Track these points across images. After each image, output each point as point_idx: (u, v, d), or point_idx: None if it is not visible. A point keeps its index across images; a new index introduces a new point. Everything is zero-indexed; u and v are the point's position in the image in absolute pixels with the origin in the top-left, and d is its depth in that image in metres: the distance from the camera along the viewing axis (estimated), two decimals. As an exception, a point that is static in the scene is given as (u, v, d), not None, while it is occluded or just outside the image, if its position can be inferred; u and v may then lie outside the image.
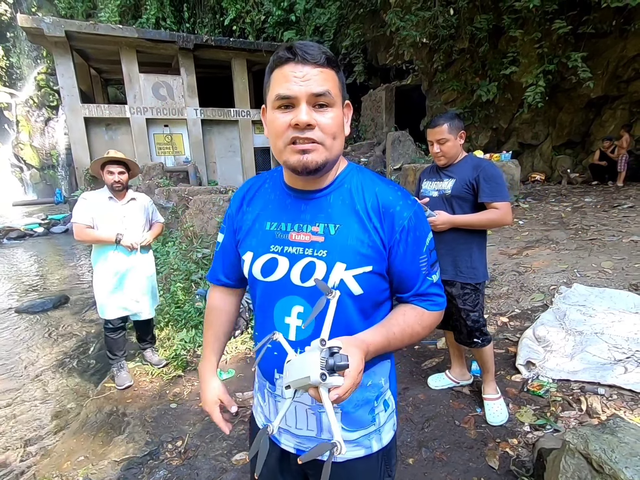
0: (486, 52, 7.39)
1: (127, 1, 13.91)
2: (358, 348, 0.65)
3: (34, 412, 2.67)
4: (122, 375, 2.68)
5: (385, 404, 0.85)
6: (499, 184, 1.77)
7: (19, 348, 3.70)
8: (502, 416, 1.95)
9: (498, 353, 2.56)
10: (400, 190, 0.79)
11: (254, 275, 0.82)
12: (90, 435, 2.24)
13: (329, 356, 0.58)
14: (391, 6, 7.24)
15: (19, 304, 4.92)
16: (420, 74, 9.15)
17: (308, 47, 0.68)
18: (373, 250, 0.74)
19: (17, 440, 2.38)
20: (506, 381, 2.26)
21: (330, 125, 0.69)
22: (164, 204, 5.94)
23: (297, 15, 10.52)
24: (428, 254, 0.79)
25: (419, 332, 0.79)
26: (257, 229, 0.83)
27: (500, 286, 3.35)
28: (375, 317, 0.80)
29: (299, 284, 0.76)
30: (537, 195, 6.67)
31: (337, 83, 0.72)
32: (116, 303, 2.61)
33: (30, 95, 20.55)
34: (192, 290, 3.70)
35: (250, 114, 13.95)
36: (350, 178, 0.79)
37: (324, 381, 0.56)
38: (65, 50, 11.28)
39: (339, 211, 0.76)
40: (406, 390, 2.30)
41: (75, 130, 11.83)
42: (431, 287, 0.80)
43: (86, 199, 2.51)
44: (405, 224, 0.74)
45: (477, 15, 6.81)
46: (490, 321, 2.96)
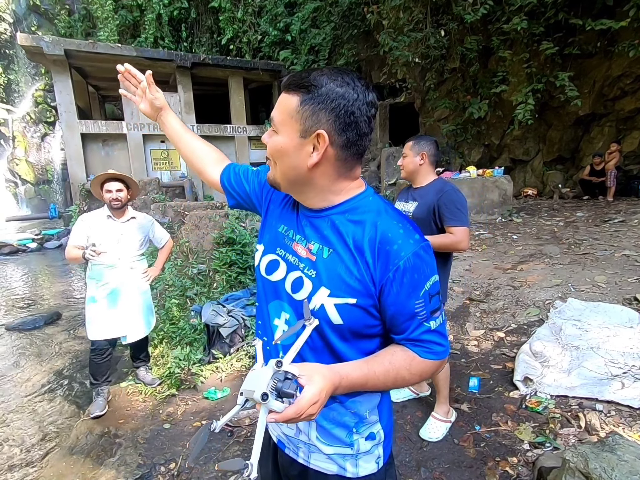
0: (477, 71, 7.61)
1: (126, 21, 14.19)
2: (325, 379, 0.64)
3: (22, 433, 2.59)
4: (98, 403, 2.57)
5: (370, 435, 0.82)
6: (458, 209, 1.80)
7: (7, 367, 3.61)
8: (435, 435, 1.99)
9: (496, 369, 2.55)
10: (404, 227, 0.72)
11: (260, 270, 0.86)
12: (80, 458, 2.17)
13: (282, 380, 0.60)
14: (384, 27, 7.47)
15: (9, 322, 4.83)
16: (413, 92, 9.37)
17: (295, 73, 0.73)
18: (360, 284, 0.71)
19: (3, 463, 2.30)
20: (504, 398, 2.25)
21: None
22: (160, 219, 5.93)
23: (292, 36, 10.79)
24: (427, 298, 0.72)
25: (405, 377, 0.74)
26: (273, 226, 0.87)
27: (496, 301, 3.36)
28: (360, 345, 0.76)
29: (290, 293, 0.79)
30: (529, 210, 6.76)
31: (292, 110, 0.68)
32: (107, 323, 2.53)
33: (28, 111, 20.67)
34: (187, 307, 3.66)
35: (247, 130, 14.11)
36: (358, 206, 0.76)
37: (263, 401, 0.59)
38: (64, 68, 11.42)
39: (334, 237, 0.75)
40: (404, 407, 2.27)
41: (71, 146, 11.87)
42: (428, 333, 0.74)
43: (83, 221, 2.51)
44: (401, 265, 0.69)
45: (467, 37, 7.03)
46: (487, 336, 2.96)
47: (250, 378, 0.65)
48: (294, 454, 0.85)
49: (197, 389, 2.73)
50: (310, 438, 0.82)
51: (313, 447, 0.82)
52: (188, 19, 13.75)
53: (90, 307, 2.56)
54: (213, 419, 0.72)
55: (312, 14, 10.17)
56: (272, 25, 11.46)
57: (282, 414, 0.59)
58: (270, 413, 0.60)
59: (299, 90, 0.69)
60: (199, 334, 3.26)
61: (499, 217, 6.26)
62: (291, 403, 0.60)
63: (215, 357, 3.00)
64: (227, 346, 3.09)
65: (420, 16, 7.02)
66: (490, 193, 6.35)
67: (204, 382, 2.78)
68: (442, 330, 0.76)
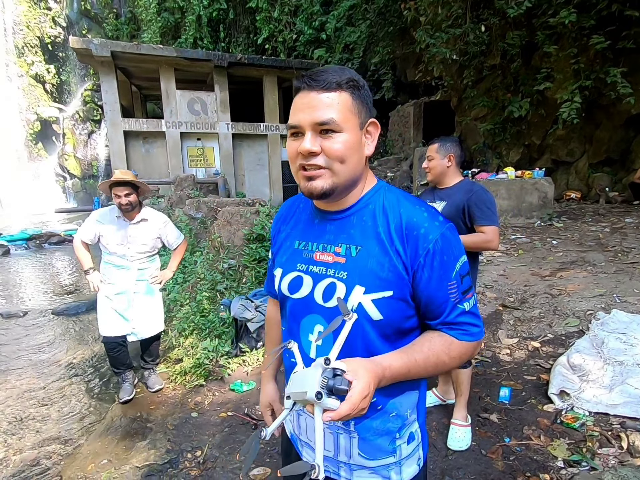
0: (518, 68, 7.26)
1: (168, 23, 14.77)
2: (369, 372, 0.63)
3: (64, 412, 2.77)
4: (126, 388, 2.67)
5: (410, 436, 0.82)
6: (488, 208, 1.80)
7: (52, 349, 3.88)
8: (464, 443, 1.91)
9: (529, 380, 2.43)
10: (428, 210, 0.74)
11: (282, 291, 0.84)
12: (114, 439, 2.29)
13: (331, 377, 0.58)
14: (421, 24, 7.29)
15: (55, 307, 5.18)
16: (450, 90, 9.10)
17: (317, 74, 0.69)
18: (394, 274, 0.71)
19: (47, 439, 2.47)
20: (537, 411, 2.14)
21: (335, 150, 0.69)
22: (194, 215, 6.14)
23: (327, 34, 10.79)
24: (459, 279, 0.73)
25: (445, 361, 0.74)
26: (287, 247, 0.86)
27: (532, 309, 3.20)
28: (398, 345, 0.76)
29: (322, 304, 0.76)
30: (572, 215, 6.39)
31: (350, 105, 0.70)
32: (115, 322, 2.58)
33: (77, 110, 22.05)
34: (217, 300, 3.76)
35: (279, 128, 14.29)
36: (377, 198, 0.77)
37: (318, 400, 0.57)
38: (110, 68, 12.06)
39: (360, 233, 0.75)
40: (429, 414, 2.22)
41: (115, 142, 12.53)
42: (462, 315, 0.74)
43: (94, 217, 2.55)
44: (430, 247, 0.70)
45: (509, 32, 6.73)
46: (521, 345, 2.83)
47: (296, 380, 0.63)
48: (335, 475, 0.83)
49: (224, 380, 2.80)
50: (351, 455, 0.80)
51: (354, 466, 0.80)
52: (226, 20, 14.10)
53: (100, 303, 2.61)
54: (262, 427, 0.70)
55: (348, 11, 10.12)
56: (308, 24, 11.51)
57: (338, 411, 0.57)
58: (326, 412, 0.58)
59: (347, 87, 0.70)
60: (228, 327, 3.35)
61: (537, 221, 5.96)
62: (342, 400, 0.58)
63: (242, 350, 3.07)
64: (254, 340, 3.15)
65: (459, 11, 6.80)
66: (529, 195, 6.06)
67: (230, 374, 2.85)
68: (476, 311, 0.77)
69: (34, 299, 5.73)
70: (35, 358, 3.67)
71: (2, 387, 3.12)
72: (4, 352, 3.80)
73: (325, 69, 0.70)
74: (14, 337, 4.20)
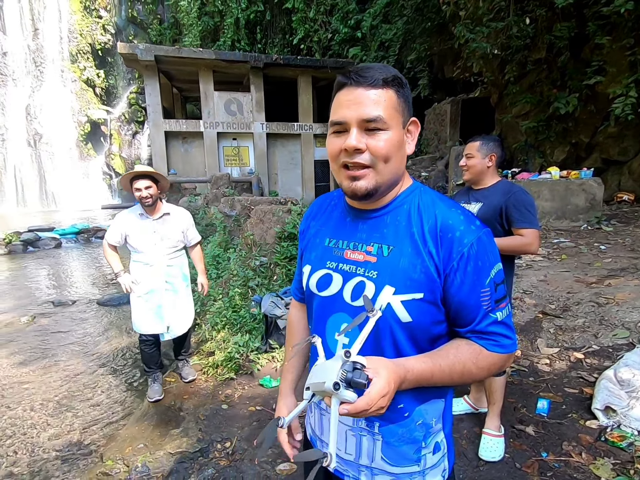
0: (566, 61, 6.84)
1: (208, 26, 15.27)
2: (390, 371, 0.61)
3: (105, 396, 2.95)
4: (155, 388, 2.70)
5: (436, 446, 0.80)
6: (528, 210, 1.73)
7: (98, 337, 4.13)
8: (496, 453, 1.83)
9: (570, 393, 2.29)
10: (464, 213, 0.72)
11: (310, 289, 0.84)
12: (150, 425, 2.41)
13: (351, 370, 0.58)
14: (460, 19, 7.06)
15: (100, 297, 5.51)
16: (490, 86, 8.74)
17: (363, 70, 0.68)
18: (425, 276, 0.69)
19: (91, 421, 2.64)
20: (579, 426, 2.01)
21: (381, 148, 0.68)
22: (228, 212, 6.30)
23: (363, 32, 10.70)
24: (492, 287, 0.70)
25: (472, 371, 0.71)
26: (317, 244, 0.85)
27: (575, 317, 3.01)
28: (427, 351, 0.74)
29: (350, 303, 0.76)
30: (624, 218, 5.94)
31: (395, 103, 0.70)
32: (148, 320, 2.62)
33: (123, 112, 23.35)
34: (249, 296, 3.85)
35: (313, 128, 14.38)
36: (412, 198, 0.76)
37: (336, 391, 0.56)
38: (154, 72, 12.66)
39: (394, 232, 0.74)
40: (460, 421, 2.15)
41: (156, 142, 13.14)
42: (494, 325, 0.71)
43: (118, 219, 2.56)
44: (465, 251, 0.68)
45: (556, 24, 6.35)
46: (562, 356, 2.67)
47: (316, 371, 0.63)
48: (354, 479, 0.82)
49: (254, 375, 2.86)
50: (374, 459, 0.78)
51: (376, 470, 0.79)
52: (263, 21, 14.37)
53: (134, 303, 2.64)
54: (280, 416, 0.71)
55: (384, 9, 9.98)
56: (343, 23, 11.49)
57: (355, 404, 0.57)
58: (342, 404, 0.58)
59: (392, 85, 0.69)
60: (258, 323, 3.41)
61: (584, 225, 5.59)
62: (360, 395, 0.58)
63: (271, 346, 3.12)
64: (283, 337, 3.19)
65: (502, 4, 6.50)
66: (575, 197, 5.70)
67: (260, 369, 2.91)
68: (509, 322, 0.74)
69: (81, 289, 6.13)
70: (81, 345, 3.93)
71: (52, 371, 3.37)
72: (54, 338, 4.11)
73: (371, 65, 0.69)
74: (63, 324, 4.51)
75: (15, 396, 2.95)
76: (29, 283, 6.47)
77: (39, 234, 10.08)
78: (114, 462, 2.07)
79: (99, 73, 23.83)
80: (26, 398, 2.91)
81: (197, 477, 1.92)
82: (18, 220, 14.79)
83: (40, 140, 21.62)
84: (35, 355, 3.66)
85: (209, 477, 1.92)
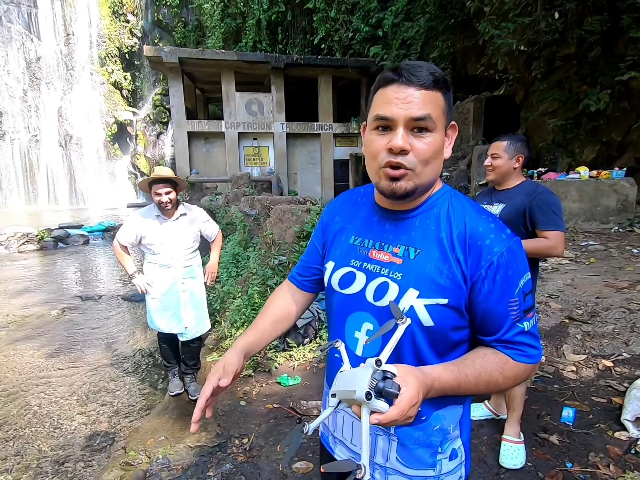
0: (597, 56, 6.56)
1: (230, 28, 15.50)
2: (418, 381, 0.60)
3: (129, 389, 3.05)
4: (175, 382, 2.74)
5: (453, 452, 0.79)
6: (553, 212, 1.67)
7: (122, 331, 4.27)
8: (518, 460, 1.78)
9: (597, 402, 2.20)
10: (495, 221, 0.71)
11: (332, 286, 0.83)
12: (171, 418, 2.47)
13: (381, 379, 0.57)
14: (485, 15, 6.89)
15: (124, 292, 5.70)
16: (515, 83, 8.48)
17: (415, 68, 0.66)
18: (451, 282, 0.69)
19: (115, 412, 2.74)
20: (607, 437, 1.93)
21: (425, 150, 0.67)
22: (248, 212, 6.38)
23: (384, 31, 10.61)
24: (521, 297, 0.69)
25: (498, 381, 0.70)
26: (343, 241, 0.84)
27: (605, 324, 2.89)
28: (450, 359, 0.73)
29: (372, 302, 0.75)
30: (658, 220, 5.64)
31: (442, 106, 0.68)
32: (165, 320, 2.61)
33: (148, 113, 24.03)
34: (267, 295, 3.88)
35: (332, 127, 14.38)
36: (442, 202, 0.75)
37: (368, 401, 0.55)
38: (177, 73, 12.97)
39: (422, 235, 0.73)
40: (480, 427, 2.10)
41: (179, 143, 13.46)
42: (521, 335, 0.70)
43: (133, 219, 2.49)
44: (495, 260, 0.67)
45: (587, 18, 6.10)
46: (589, 363, 2.57)
47: (343, 379, 0.62)
48: None
49: (271, 373, 2.89)
50: (389, 459, 0.78)
51: (390, 470, 0.79)
52: (284, 22, 14.46)
53: (150, 305, 2.62)
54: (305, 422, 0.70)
55: (406, 6, 9.86)
56: (364, 22, 11.41)
57: (386, 414, 0.56)
58: (373, 414, 0.56)
59: (441, 87, 0.68)
60: (276, 322, 3.44)
61: (615, 227, 5.36)
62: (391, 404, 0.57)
63: (289, 345, 3.14)
64: (300, 337, 3.21)
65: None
66: (606, 198, 5.46)
67: (277, 367, 2.93)
68: (535, 331, 0.73)
69: (107, 284, 6.35)
70: (107, 338, 4.07)
71: (80, 363, 3.51)
72: (81, 331, 4.27)
73: (421, 64, 0.67)
74: (90, 318, 4.69)
75: (45, 386, 3.08)
76: (59, 278, 6.76)
77: (68, 231, 10.51)
78: (136, 453, 2.13)
79: (126, 75, 24.60)
80: (55, 388, 3.05)
81: (216, 471, 1.95)
82: (49, 218, 15.47)
83: (71, 141, 22.53)
84: (63, 348, 3.83)
85: (227, 471, 1.95)
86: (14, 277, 6.72)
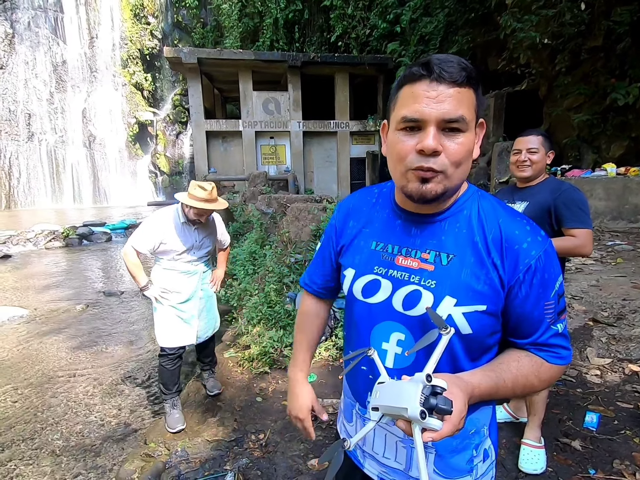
0: (627, 48, 6.30)
1: (248, 27, 15.62)
2: (462, 391, 0.59)
3: (149, 383, 3.13)
4: (175, 416, 2.35)
5: (485, 453, 0.77)
6: (580, 209, 1.61)
7: (142, 326, 4.39)
8: (538, 465, 1.73)
9: (624, 407, 2.13)
10: (529, 223, 0.69)
11: (354, 294, 0.78)
12: (190, 412, 2.53)
13: (431, 395, 0.54)
14: (507, 7, 6.70)
15: (145, 289, 5.85)
16: (538, 78, 8.23)
17: (447, 63, 0.60)
18: (490, 288, 0.66)
19: (137, 404, 2.82)
20: (633, 444, 1.86)
21: (457, 152, 0.62)
22: (265, 210, 6.44)
23: (402, 26, 10.47)
24: (556, 299, 0.68)
25: (534, 384, 0.69)
26: (362, 247, 0.79)
27: (632, 327, 2.78)
28: (482, 362, 0.72)
29: (401, 311, 0.72)
30: (691, 219, 5.38)
31: (474, 104, 0.64)
32: (180, 331, 2.42)
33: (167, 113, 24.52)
34: (284, 293, 3.91)
35: (349, 125, 14.32)
36: (471, 204, 0.72)
37: (422, 420, 0.52)
38: (196, 74, 13.17)
39: (453, 240, 0.70)
40: (499, 430, 2.06)
41: (198, 142, 13.68)
42: (555, 337, 0.69)
43: (155, 227, 2.27)
44: (533, 264, 0.65)
45: (616, 8, 5.86)
46: (615, 367, 2.48)
47: (386, 392, 0.59)
48: None
49: (287, 370, 2.91)
50: None
51: None
52: (301, 20, 14.46)
53: (164, 314, 2.40)
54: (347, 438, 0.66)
55: (425, 1, 9.70)
56: (382, 18, 11.29)
57: (440, 432, 0.53)
58: (425, 432, 0.54)
59: (473, 84, 0.63)
60: (292, 319, 3.46)
61: (643, 226, 5.14)
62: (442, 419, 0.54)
63: (305, 343, 3.15)
64: (316, 334, 3.21)
65: (554, -10, 6.11)
66: (635, 196, 5.25)
67: (293, 365, 2.95)
68: (567, 332, 0.73)
69: (129, 280, 6.53)
70: (128, 333, 4.19)
71: (103, 356, 3.63)
72: (105, 325, 4.42)
73: (451, 58, 0.62)
74: (112, 313, 4.84)
75: (70, 378, 3.21)
76: (83, 274, 6.99)
77: (92, 229, 10.86)
78: (156, 445, 2.19)
79: (147, 77, 25.15)
80: (80, 381, 3.16)
81: (232, 466, 1.99)
82: (74, 215, 16.02)
83: (95, 142, 23.23)
84: (87, 341, 3.96)
85: (244, 466, 1.98)
86: (41, 273, 7.00)
